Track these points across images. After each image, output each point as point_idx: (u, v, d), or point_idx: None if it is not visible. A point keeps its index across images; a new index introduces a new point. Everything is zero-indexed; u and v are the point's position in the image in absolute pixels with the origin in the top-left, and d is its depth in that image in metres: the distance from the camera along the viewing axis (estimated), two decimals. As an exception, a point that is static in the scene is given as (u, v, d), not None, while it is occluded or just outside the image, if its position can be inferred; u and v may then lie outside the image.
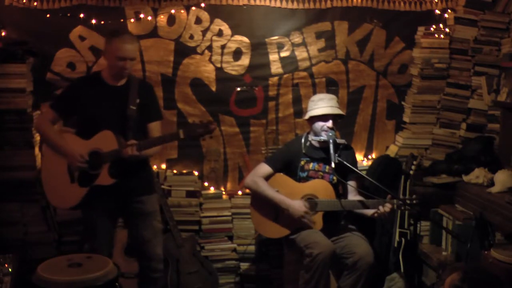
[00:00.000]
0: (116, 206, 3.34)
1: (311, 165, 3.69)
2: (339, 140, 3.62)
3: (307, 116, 3.68)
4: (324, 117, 3.60)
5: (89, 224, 3.35)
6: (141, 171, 3.37)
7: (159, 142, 3.29)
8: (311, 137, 3.71)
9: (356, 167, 3.72)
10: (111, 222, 3.42)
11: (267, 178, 3.68)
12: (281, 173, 3.71)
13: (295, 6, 4.27)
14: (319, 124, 3.62)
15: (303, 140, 3.75)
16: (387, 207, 3.41)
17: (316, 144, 3.69)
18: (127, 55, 3.19)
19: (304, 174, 3.68)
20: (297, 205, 3.54)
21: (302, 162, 3.69)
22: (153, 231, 3.43)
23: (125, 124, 3.23)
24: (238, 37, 4.26)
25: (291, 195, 3.60)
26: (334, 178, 3.62)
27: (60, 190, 3.27)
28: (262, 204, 3.65)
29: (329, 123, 3.59)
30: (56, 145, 3.25)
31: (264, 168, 3.70)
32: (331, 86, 4.40)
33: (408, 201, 3.44)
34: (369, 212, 3.53)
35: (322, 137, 3.61)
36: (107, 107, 3.22)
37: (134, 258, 3.86)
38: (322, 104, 3.62)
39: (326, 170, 3.66)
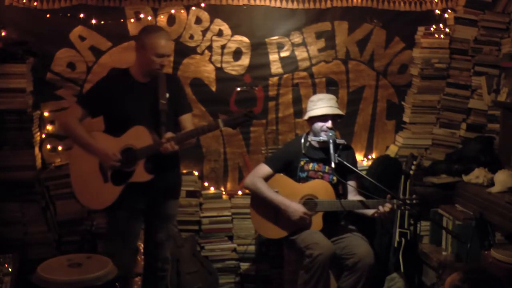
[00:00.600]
0: (144, 207, 3.29)
1: (310, 166, 3.69)
2: (338, 140, 3.62)
3: (306, 117, 3.68)
4: (323, 117, 3.60)
5: (119, 226, 3.25)
6: (174, 168, 3.36)
7: (196, 134, 3.24)
8: (310, 138, 3.71)
9: (356, 167, 3.72)
10: (139, 224, 3.36)
11: (267, 178, 3.68)
12: (281, 174, 3.71)
13: (295, 6, 4.27)
14: (318, 125, 3.62)
15: (302, 141, 3.75)
16: (387, 207, 3.41)
17: (316, 145, 3.69)
18: (165, 51, 3.17)
19: (304, 175, 3.68)
20: (296, 207, 3.54)
21: (302, 163, 3.69)
22: (168, 234, 3.44)
23: (157, 120, 3.16)
24: (238, 37, 4.26)
25: (291, 195, 3.60)
26: (334, 178, 3.62)
27: (93, 191, 3.18)
28: (262, 205, 3.65)
29: (329, 123, 3.59)
30: (86, 144, 3.15)
31: (264, 169, 3.70)
32: (331, 86, 4.40)
33: (408, 201, 3.45)
34: (370, 212, 3.53)
35: (321, 138, 3.61)
36: (137, 104, 3.17)
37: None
38: (321, 104, 3.62)
39: (326, 170, 3.66)
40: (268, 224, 3.66)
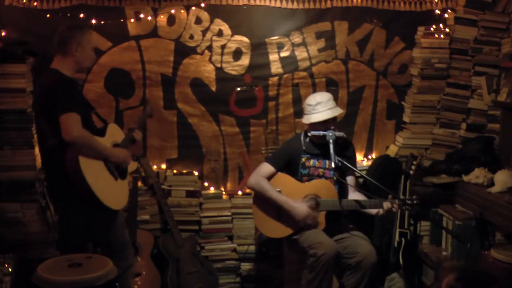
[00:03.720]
0: None
1: (311, 162, 3.69)
2: (337, 134, 3.59)
3: (307, 121, 3.66)
4: (324, 121, 3.59)
5: (120, 218, 3.31)
6: None
7: (144, 119, 3.59)
8: (310, 133, 3.69)
9: (355, 160, 3.79)
10: None
11: (270, 177, 3.68)
12: (283, 173, 3.71)
13: (295, 6, 4.27)
14: (319, 127, 3.61)
15: (302, 138, 3.75)
16: (388, 206, 3.42)
17: (315, 140, 3.69)
18: (97, 44, 3.35)
19: (306, 171, 3.68)
20: (301, 207, 3.55)
21: (303, 159, 3.69)
22: None
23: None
24: (238, 37, 4.27)
25: (293, 195, 3.60)
26: (335, 174, 3.60)
27: (113, 191, 3.16)
28: (265, 204, 3.65)
29: (329, 126, 3.59)
30: (101, 149, 3.07)
31: (267, 168, 3.69)
32: (331, 86, 4.40)
33: (408, 201, 3.45)
34: (373, 211, 3.53)
35: (321, 132, 3.59)
36: (87, 105, 3.26)
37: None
38: (321, 108, 3.59)
39: (327, 166, 3.67)
40: (270, 223, 3.66)
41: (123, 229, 3.34)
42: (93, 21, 4.02)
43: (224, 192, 4.39)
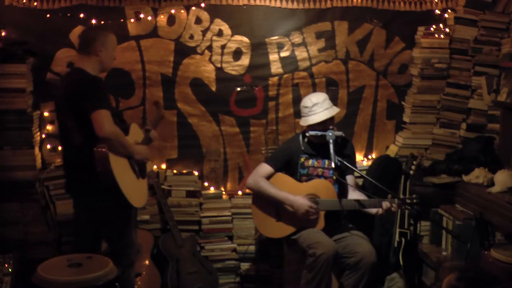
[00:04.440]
0: None
1: (310, 162, 3.69)
2: (336, 133, 3.59)
3: (305, 124, 3.65)
4: (322, 122, 3.59)
5: (134, 217, 3.39)
6: None
7: (158, 120, 3.69)
8: (308, 133, 3.69)
9: (355, 159, 3.80)
10: None
11: (269, 177, 3.68)
12: (282, 173, 3.72)
13: (295, 6, 4.27)
14: (317, 127, 3.61)
15: (300, 138, 3.75)
16: (387, 205, 3.42)
17: (314, 140, 3.69)
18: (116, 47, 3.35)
19: (305, 171, 3.68)
20: (301, 201, 3.54)
21: (302, 159, 3.69)
22: None
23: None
24: (238, 37, 4.27)
25: (292, 194, 3.60)
26: (334, 173, 3.61)
27: (136, 189, 3.22)
28: (264, 204, 3.66)
29: (328, 126, 3.59)
30: (129, 146, 3.15)
31: (265, 168, 3.70)
32: (331, 86, 4.40)
33: (408, 200, 3.45)
34: (372, 210, 3.53)
35: (319, 132, 3.59)
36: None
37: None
38: (317, 109, 3.58)
39: (326, 166, 3.67)
40: (270, 223, 3.66)
41: (135, 227, 3.41)
42: (93, 21, 4.02)
43: (224, 192, 4.39)
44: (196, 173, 4.32)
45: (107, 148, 2.99)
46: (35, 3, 4.00)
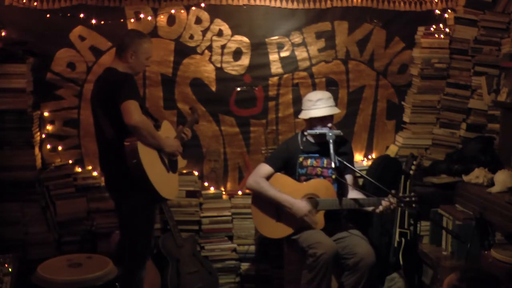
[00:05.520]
0: None
1: (309, 161, 3.69)
2: (335, 132, 3.60)
3: (306, 116, 3.67)
4: (323, 118, 3.60)
5: (153, 214, 3.43)
6: None
7: (195, 120, 3.85)
8: (307, 132, 3.70)
9: (353, 158, 3.82)
10: None
11: (268, 178, 3.68)
12: (281, 173, 3.72)
13: (295, 6, 4.27)
14: (317, 123, 3.62)
15: (299, 137, 3.75)
16: (386, 204, 3.43)
17: (312, 139, 3.69)
18: (152, 53, 3.44)
19: (303, 171, 3.68)
20: (301, 204, 3.55)
21: (301, 159, 3.69)
22: None
23: None
24: (238, 37, 4.27)
25: (291, 194, 3.60)
26: (334, 172, 3.61)
27: (166, 182, 3.31)
28: (264, 204, 3.66)
29: (328, 124, 3.60)
30: (159, 138, 3.24)
31: (265, 168, 3.70)
32: (331, 86, 4.40)
33: (407, 199, 3.45)
34: (370, 208, 3.54)
35: (318, 130, 3.60)
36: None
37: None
38: (321, 105, 3.62)
39: (325, 165, 3.67)
40: (269, 223, 3.66)
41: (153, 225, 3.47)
42: (93, 21, 4.02)
43: (224, 192, 4.39)
44: (196, 173, 4.32)
45: (136, 139, 3.08)
46: (35, 3, 4.00)
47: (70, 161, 4.11)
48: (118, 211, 3.37)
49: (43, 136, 4.11)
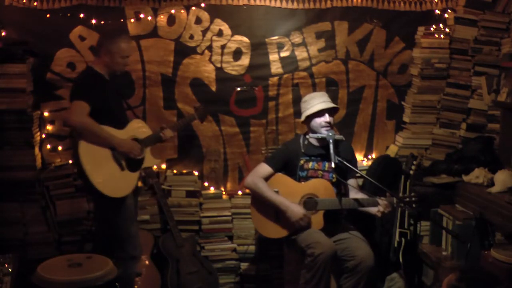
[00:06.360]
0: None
1: (310, 164, 3.69)
2: (337, 136, 3.61)
3: (303, 117, 3.67)
4: (320, 113, 3.61)
5: (128, 213, 3.46)
6: None
7: (184, 125, 3.93)
8: (309, 136, 3.71)
9: (355, 163, 3.77)
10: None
11: (267, 178, 3.68)
12: (281, 173, 3.71)
13: (295, 6, 4.27)
14: (316, 121, 3.62)
15: (301, 140, 3.75)
16: (385, 204, 3.42)
17: (315, 143, 3.70)
18: (130, 53, 3.54)
19: (304, 173, 3.68)
20: (296, 208, 3.54)
21: (302, 161, 3.69)
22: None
23: (125, 114, 3.60)
24: (238, 37, 4.27)
25: (291, 194, 3.60)
26: (334, 176, 3.62)
27: (115, 180, 3.36)
28: (263, 204, 3.65)
29: (326, 118, 3.60)
30: (106, 138, 3.31)
31: (264, 168, 3.70)
32: (331, 86, 4.40)
33: (407, 199, 3.45)
34: (373, 210, 3.53)
35: (320, 134, 3.61)
36: (115, 100, 3.50)
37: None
38: (315, 102, 3.63)
39: (326, 169, 3.66)
40: (268, 223, 3.66)
41: (130, 221, 3.49)
42: (93, 21, 4.02)
43: (224, 192, 4.39)
44: (196, 173, 4.32)
45: (80, 137, 3.23)
46: (35, 3, 4.00)
47: (70, 161, 4.11)
48: None
49: (43, 136, 4.11)
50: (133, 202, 3.56)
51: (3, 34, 3.93)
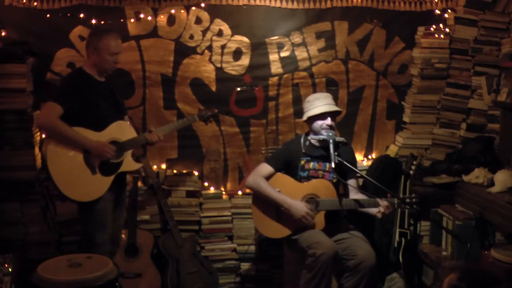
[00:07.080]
0: (115, 197, 3.49)
1: (311, 164, 3.69)
2: (338, 138, 3.63)
3: (305, 117, 3.68)
4: (322, 116, 3.61)
5: (103, 217, 3.39)
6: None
7: (178, 127, 3.77)
8: (310, 137, 3.72)
9: (356, 165, 3.75)
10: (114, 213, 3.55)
11: (268, 177, 3.68)
12: (282, 173, 3.71)
13: (295, 6, 4.27)
14: (318, 123, 3.62)
15: (302, 140, 3.75)
16: (385, 204, 3.42)
17: (316, 143, 3.70)
18: (119, 50, 3.41)
19: (305, 174, 3.68)
20: (299, 205, 3.54)
21: (302, 162, 3.69)
22: (124, 219, 3.73)
23: (121, 116, 3.50)
24: (238, 37, 4.27)
25: (292, 194, 3.60)
26: (335, 176, 3.62)
27: (82, 184, 3.29)
28: (264, 204, 3.65)
29: (328, 121, 3.60)
30: (78, 139, 3.25)
31: (265, 168, 3.69)
32: (331, 86, 4.40)
33: (407, 200, 3.45)
34: (374, 210, 3.53)
35: (321, 136, 3.62)
36: (104, 101, 3.39)
37: (134, 258, 3.89)
38: (318, 103, 3.62)
39: (327, 169, 3.66)
40: (269, 223, 3.66)
41: (98, 227, 3.39)
42: (93, 21, 4.02)
43: (224, 192, 4.39)
44: (196, 173, 4.32)
45: (50, 138, 3.23)
46: (35, 3, 4.00)
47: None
48: None
49: (43, 136, 4.10)
50: (108, 208, 3.43)
51: (3, 34, 3.92)
